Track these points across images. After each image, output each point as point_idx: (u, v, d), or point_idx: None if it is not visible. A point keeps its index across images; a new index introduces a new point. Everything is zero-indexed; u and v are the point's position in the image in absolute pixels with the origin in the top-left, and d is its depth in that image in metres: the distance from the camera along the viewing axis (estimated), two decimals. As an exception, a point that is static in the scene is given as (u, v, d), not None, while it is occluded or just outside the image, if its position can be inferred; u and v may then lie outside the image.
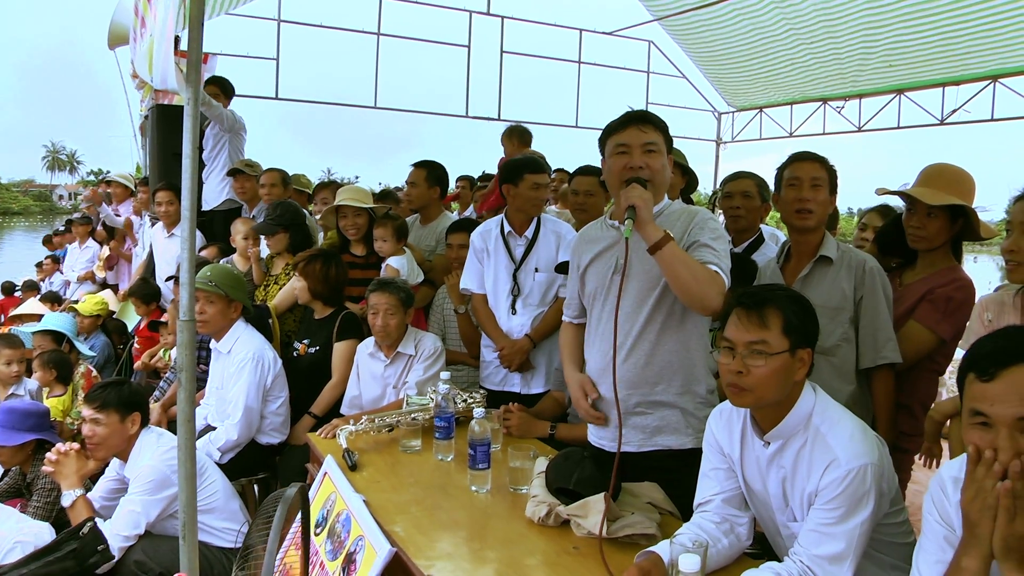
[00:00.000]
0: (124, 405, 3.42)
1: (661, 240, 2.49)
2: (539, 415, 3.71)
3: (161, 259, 6.51)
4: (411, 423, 3.42)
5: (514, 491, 2.91)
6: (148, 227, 7.54)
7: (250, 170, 6.20)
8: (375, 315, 3.90)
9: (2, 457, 4.02)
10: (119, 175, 9.94)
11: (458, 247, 4.46)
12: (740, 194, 4.11)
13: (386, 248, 4.64)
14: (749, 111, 11.80)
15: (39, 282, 11.95)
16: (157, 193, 6.48)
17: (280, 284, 4.97)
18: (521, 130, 6.68)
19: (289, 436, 4.34)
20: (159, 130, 7.07)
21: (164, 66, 2.51)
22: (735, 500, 2.40)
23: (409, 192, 5.16)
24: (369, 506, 2.68)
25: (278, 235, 5.03)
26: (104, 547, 3.15)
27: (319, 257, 4.46)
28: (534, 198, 4.07)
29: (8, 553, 3.16)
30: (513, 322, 4.09)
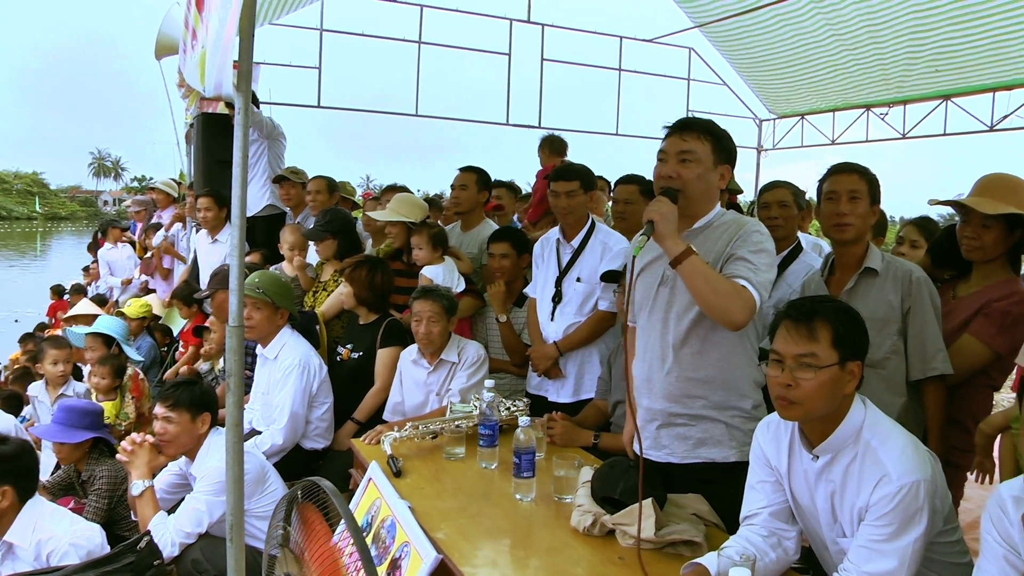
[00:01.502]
0: (195, 405, 3.52)
1: (681, 254, 2.49)
2: (582, 423, 3.71)
3: (205, 264, 6.60)
4: (455, 430, 3.42)
5: (559, 500, 2.91)
6: (192, 233, 7.66)
7: (295, 177, 6.28)
8: (418, 322, 3.93)
9: (61, 454, 4.14)
10: (162, 182, 10.11)
11: (500, 256, 4.47)
12: (777, 204, 4.07)
13: (422, 256, 4.66)
14: (790, 118, 11.66)
15: (86, 285, 12.22)
16: (198, 199, 6.58)
17: (329, 291, 5.02)
18: (552, 139, 6.68)
19: (332, 442, 4.38)
20: (204, 138, 7.19)
21: (218, 75, 2.54)
22: (782, 514, 2.37)
23: (458, 196, 5.16)
24: (414, 512, 2.68)
25: (327, 241, 5.07)
26: (160, 562, 3.21)
27: (365, 264, 4.49)
28: (555, 205, 4.14)
29: (63, 555, 3.21)
30: (550, 328, 4.16)
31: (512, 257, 4.46)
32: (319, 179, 6.01)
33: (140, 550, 3.15)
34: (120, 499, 4.04)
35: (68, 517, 3.42)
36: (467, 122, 10.12)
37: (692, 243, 2.60)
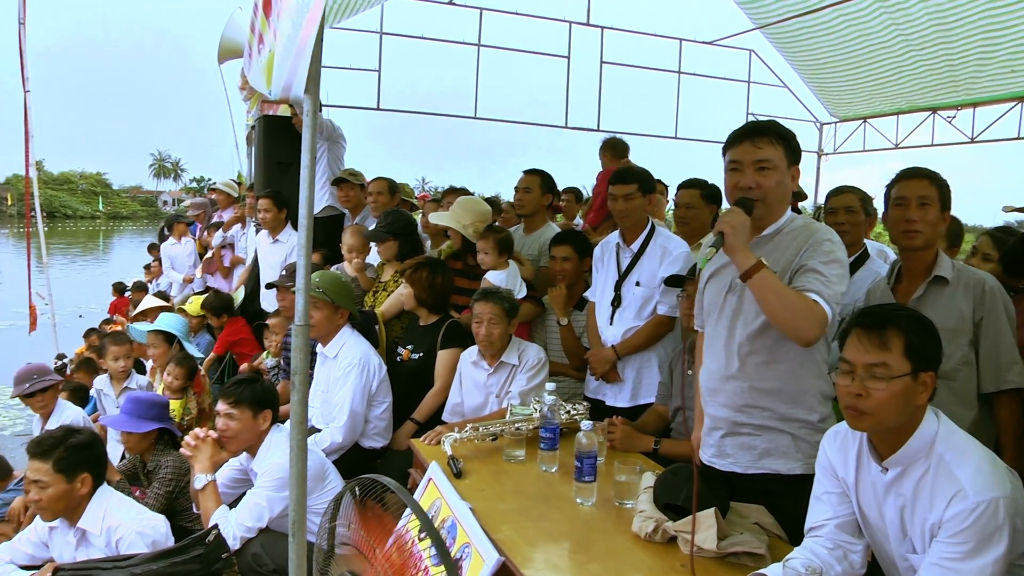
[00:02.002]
0: (257, 402, 3.59)
1: (751, 268, 2.44)
2: (641, 428, 3.69)
3: (265, 264, 6.69)
4: (515, 433, 3.42)
5: (619, 505, 2.89)
6: (252, 233, 7.78)
7: (354, 179, 6.34)
8: (479, 324, 3.94)
9: (128, 443, 4.27)
10: (222, 183, 10.29)
11: (561, 259, 4.47)
12: (844, 209, 4.00)
13: (488, 260, 4.66)
14: (852, 121, 11.42)
15: (147, 283, 12.51)
16: (259, 200, 6.69)
17: (389, 291, 5.06)
18: (614, 143, 6.65)
19: (391, 441, 4.41)
20: (265, 139, 7.29)
21: (289, 77, 2.57)
22: (849, 526, 2.31)
23: (522, 198, 5.18)
24: (475, 514, 2.69)
25: (388, 243, 5.11)
26: (228, 555, 3.28)
27: (426, 265, 4.52)
28: (614, 208, 4.12)
29: (131, 544, 3.30)
30: (608, 332, 4.15)
31: (574, 260, 4.46)
32: (380, 180, 6.07)
33: (208, 543, 3.22)
34: (183, 491, 4.13)
35: (135, 507, 3.52)
36: (525, 125, 10.11)
37: (760, 251, 2.56)
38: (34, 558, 3.49)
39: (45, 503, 3.26)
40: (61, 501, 3.28)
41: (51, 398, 5.07)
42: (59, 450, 3.27)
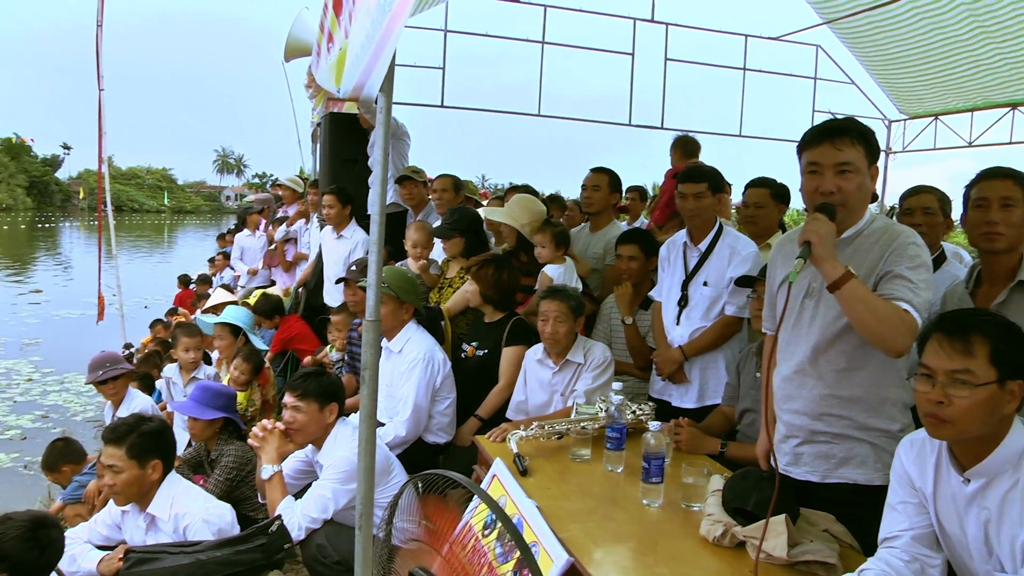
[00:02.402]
0: (323, 395, 3.63)
1: (840, 279, 2.33)
2: (707, 430, 3.64)
3: (329, 259, 6.78)
4: (581, 432, 3.40)
5: (686, 508, 2.86)
6: (316, 229, 7.88)
7: (417, 176, 6.38)
8: (544, 322, 3.93)
9: (194, 430, 4.37)
10: (288, 179, 10.45)
11: (627, 258, 4.44)
12: (921, 210, 3.85)
13: (544, 254, 4.66)
14: (923, 119, 11.09)
15: (211, 276, 12.78)
16: (323, 196, 6.77)
17: (454, 287, 5.08)
18: (685, 140, 6.57)
19: (454, 437, 4.43)
20: (330, 137, 7.39)
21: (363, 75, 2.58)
22: (926, 539, 2.20)
23: (590, 196, 5.15)
24: (541, 512, 2.67)
25: (454, 239, 5.13)
26: (290, 545, 3.33)
27: (492, 262, 4.53)
28: (682, 207, 4.07)
29: (197, 530, 3.38)
30: (675, 333, 4.12)
31: (640, 259, 4.43)
32: (445, 177, 6.10)
33: (271, 533, 3.27)
34: (244, 480, 4.22)
35: (202, 494, 3.60)
36: (589, 122, 10.06)
37: (840, 255, 2.46)
38: (108, 539, 3.60)
39: (119, 488, 3.35)
40: (133, 486, 3.37)
41: (122, 386, 5.23)
42: (132, 436, 3.37)
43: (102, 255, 11.77)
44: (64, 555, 3.39)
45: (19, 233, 49.50)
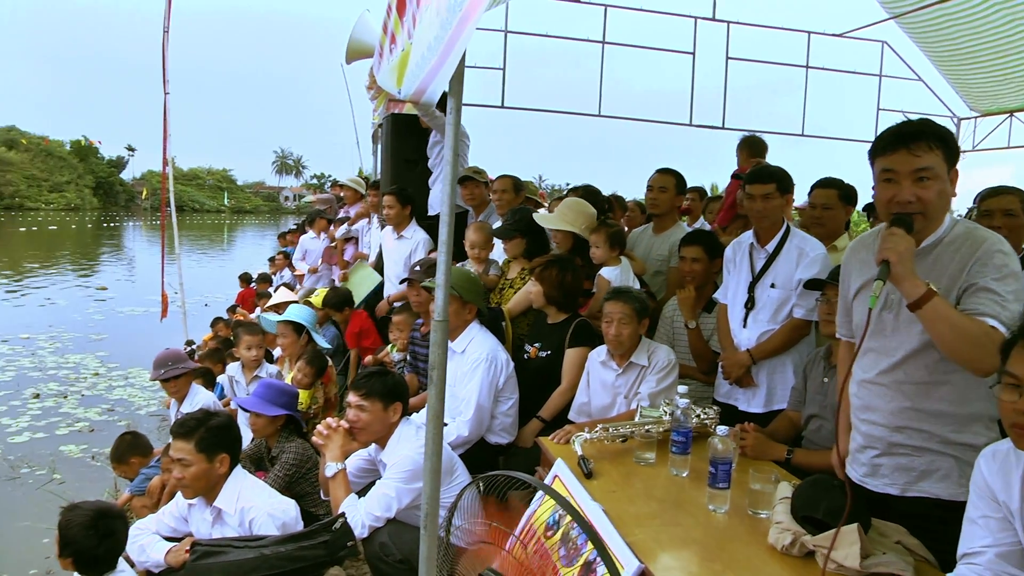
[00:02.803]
0: (387, 395, 3.64)
1: (921, 299, 2.21)
2: (772, 436, 3.56)
3: (389, 259, 6.83)
4: (645, 435, 3.36)
5: (753, 514, 2.80)
6: (377, 229, 7.94)
7: (479, 177, 6.38)
8: (609, 323, 3.90)
9: (256, 426, 4.44)
10: (350, 179, 10.55)
11: (691, 260, 4.39)
12: (1001, 212, 3.71)
13: (599, 255, 4.63)
14: (995, 116, 10.75)
15: (271, 275, 12.98)
16: (384, 197, 6.82)
17: (515, 288, 5.07)
18: (752, 140, 6.47)
19: (516, 438, 4.42)
20: (392, 138, 7.45)
21: (428, 77, 2.58)
22: (1013, 556, 2.05)
23: (656, 197, 5.11)
24: (607, 516, 2.64)
25: (515, 240, 5.12)
26: (353, 543, 3.36)
27: (555, 263, 4.51)
28: (750, 208, 4.00)
29: (262, 525, 3.43)
30: (742, 336, 4.05)
31: (704, 262, 4.38)
32: (505, 178, 6.09)
33: (335, 530, 3.30)
34: (303, 477, 4.27)
35: (267, 489, 3.66)
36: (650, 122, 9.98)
37: (919, 266, 2.34)
38: (175, 531, 3.69)
39: (187, 481, 3.43)
40: (201, 480, 3.44)
41: (185, 384, 5.34)
42: (201, 430, 3.44)
43: (165, 254, 12.05)
44: (133, 545, 3.51)
45: (86, 232, 50.99)
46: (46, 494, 6.26)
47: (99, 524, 3.09)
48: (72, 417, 8.55)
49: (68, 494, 6.08)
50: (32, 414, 8.59)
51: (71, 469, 6.91)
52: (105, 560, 3.13)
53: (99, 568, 3.14)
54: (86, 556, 3.09)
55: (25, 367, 10.85)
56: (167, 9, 10.33)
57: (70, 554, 3.07)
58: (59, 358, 11.53)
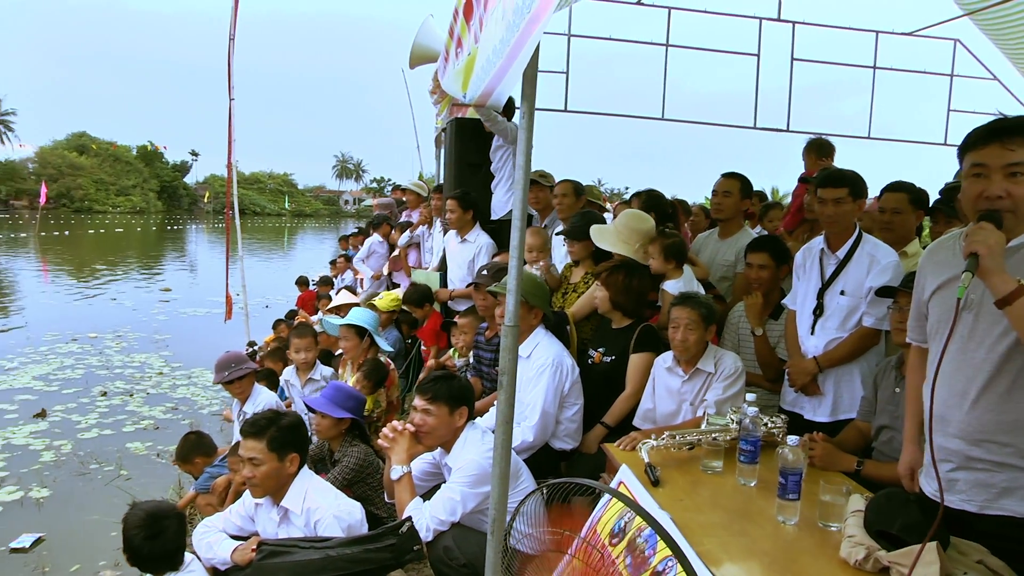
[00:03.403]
0: (453, 399, 3.65)
1: (1011, 294, 2.13)
2: (840, 446, 3.48)
3: (453, 263, 6.87)
4: (712, 443, 3.32)
5: (823, 527, 2.74)
6: (439, 233, 7.99)
7: (544, 180, 6.38)
8: (675, 329, 3.86)
9: (321, 427, 4.49)
10: (412, 183, 10.63)
11: (758, 267, 4.32)
12: None
13: (655, 266, 4.59)
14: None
15: (332, 278, 13.14)
16: (447, 201, 6.85)
17: (578, 292, 5.05)
18: (819, 143, 6.35)
19: (580, 444, 4.39)
20: (456, 142, 7.49)
21: (494, 81, 2.57)
22: None
23: (721, 202, 5.06)
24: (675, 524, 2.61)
25: (583, 243, 5.07)
26: (419, 547, 3.36)
27: (622, 268, 4.47)
28: (821, 213, 3.92)
29: (328, 526, 3.47)
30: (809, 343, 3.98)
31: (771, 268, 4.31)
32: (566, 183, 6.08)
33: (402, 534, 3.31)
34: (363, 481, 4.32)
35: (333, 491, 3.70)
36: (712, 126, 9.84)
37: (1008, 265, 2.24)
38: (241, 529, 3.76)
39: (258, 480, 3.48)
40: (271, 479, 3.50)
41: (248, 384, 5.44)
42: (272, 430, 3.49)
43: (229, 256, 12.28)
44: (200, 543, 3.58)
45: (150, 235, 52.35)
46: (114, 489, 6.44)
47: (149, 525, 3.17)
48: (138, 415, 8.79)
49: (135, 490, 6.27)
50: (100, 411, 8.86)
51: (137, 466, 7.10)
52: (157, 559, 3.21)
53: (155, 567, 3.22)
54: (137, 555, 3.19)
55: (93, 366, 11.19)
56: (233, 17, 10.53)
57: (126, 551, 3.16)
58: (125, 357, 11.87)
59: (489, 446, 3.49)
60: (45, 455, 7.31)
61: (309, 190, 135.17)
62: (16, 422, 8.33)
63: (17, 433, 7.92)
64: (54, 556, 5.28)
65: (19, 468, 6.92)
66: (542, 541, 2.58)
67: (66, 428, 8.20)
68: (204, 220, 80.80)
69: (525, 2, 2.12)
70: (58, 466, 7.03)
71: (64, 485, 6.60)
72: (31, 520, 5.87)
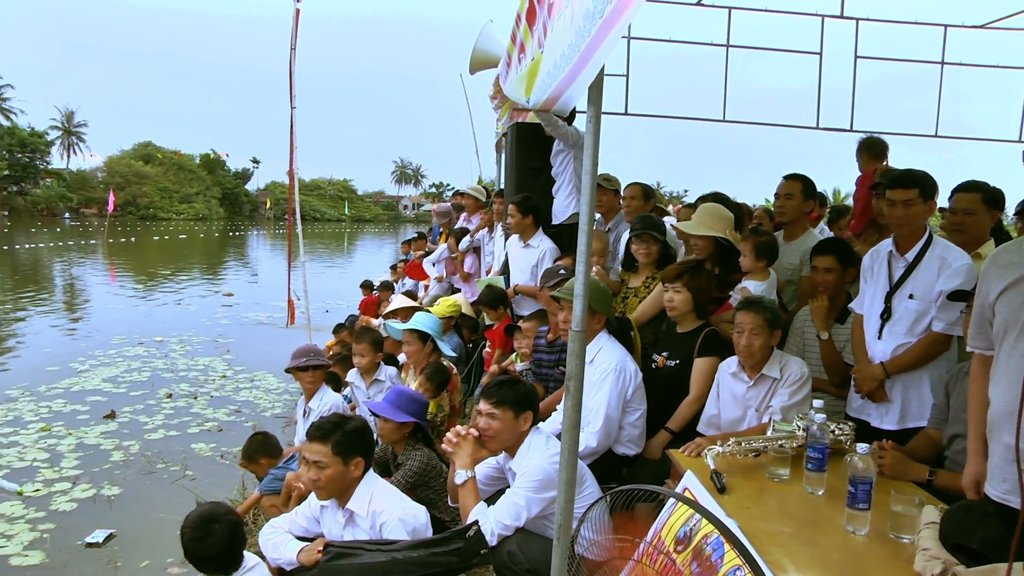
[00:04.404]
0: (519, 403, 3.66)
1: None
2: (911, 455, 3.40)
3: (515, 268, 6.88)
4: (778, 450, 3.28)
5: (895, 538, 2.68)
6: (500, 238, 8.01)
7: (607, 184, 6.36)
8: (740, 334, 3.82)
9: (384, 431, 4.53)
10: (471, 188, 10.66)
11: (824, 270, 4.25)
12: None
13: (745, 263, 4.55)
14: None
15: (393, 283, 13.26)
16: (509, 205, 6.87)
17: (640, 297, 5.03)
18: (871, 142, 6.22)
19: (643, 449, 4.36)
20: (517, 147, 7.50)
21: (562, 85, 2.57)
22: None
23: (783, 205, 5.00)
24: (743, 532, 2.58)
25: (652, 247, 5.07)
26: (486, 551, 3.37)
27: (703, 271, 4.47)
28: (890, 215, 3.83)
29: (393, 529, 3.50)
30: (877, 348, 3.89)
31: (837, 271, 4.23)
32: (635, 186, 6.05)
33: (468, 538, 3.32)
34: (426, 484, 4.35)
35: (398, 494, 3.73)
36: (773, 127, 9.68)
37: None
38: (307, 531, 3.80)
39: (323, 483, 3.52)
40: (336, 482, 3.54)
41: (320, 377, 5.56)
42: (337, 434, 3.53)
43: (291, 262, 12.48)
44: (267, 543, 3.64)
45: (213, 241, 53.52)
46: (180, 489, 6.60)
47: (197, 527, 3.24)
48: (202, 417, 8.98)
49: (199, 490, 6.41)
50: (166, 413, 9.07)
51: (202, 466, 7.26)
52: (206, 560, 3.26)
53: (205, 567, 3.28)
54: (190, 556, 3.26)
55: (159, 368, 11.46)
56: (293, 27, 10.75)
57: (190, 559, 3.25)
58: (189, 360, 12.13)
59: (553, 451, 3.49)
60: (115, 454, 7.52)
61: (368, 195, 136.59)
62: (88, 422, 8.60)
63: (89, 433, 8.17)
64: (125, 552, 5.43)
65: (91, 467, 7.14)
66: (609, 547, 2.58)
67: (134, 429, 8.43)
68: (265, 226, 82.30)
69: (597, 7, 2.11)
70: (127, 465, 7.22)
71: (133, 484, 6.78)
72: (103, 516, 6.05)
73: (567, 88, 2.52)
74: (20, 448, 7.63)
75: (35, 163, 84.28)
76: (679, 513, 2.91)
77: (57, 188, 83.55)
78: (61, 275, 26.91)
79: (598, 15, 2.12)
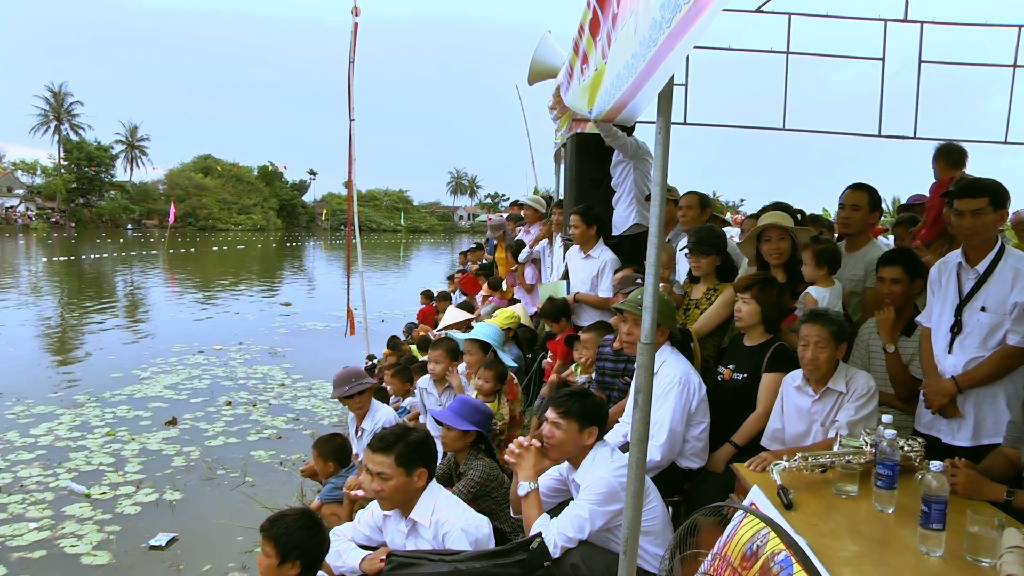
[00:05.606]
0: (585, 417, 3.65)
1: None
2: (985, 473, 3.28)
3: (576, 279, 6.87)
4: (846, 466, 3.22)
5: (973, 561, 2.59)
6: (560, 249, 8.01)
7: (667, 194, 6.32)
8: (805, 347, 3.76)
9: (447, 440, 4.55)
10: (530, 198, 10.70)
11: (890, 281, 4.16)
12: None
13: (807, 272, 4.48)
14: None
15: (451, 293, 13.36)
16: (570, 216, 6.87)
17: (701, 308, 4.99)
18: (950, 149, 6.07)
19: (707, 463, 4.32)
20: (576, 157, 7.52)
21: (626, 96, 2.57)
22: None
23: (849, 216, 4.89)
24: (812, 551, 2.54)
25: (710, 258, 5.04)
26: (549, 563, 3.37)
27: (773, 282, 4.44)
28: (959, 225, 3.72)
29: (455, 539, 3.51)
30: (947, 362, 3.80)
31: (904, 283, 4.14)
32: (691, 195, 6.00)
33: (532, 549, 3.32)
34: (487, 495, 4.36)
35: (461, 504, 3.75)
36: (834, 134, 9.49)
37: None
38: (370, 539, 3.83)
39: (386, 493, 3.55)
40: (400, 493, 3.56)
41: (366, 400, 5.56)
42: (400, 445, 3.56)
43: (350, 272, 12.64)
44: (330, 551, 3.67)
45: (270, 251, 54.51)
46: (239, 495, 6.75)
47: (314, 524, 3.29)
48: (261, 424, 9.18)
49: (259, 496, 6.52)
50: (226, 420, 9.31)
51: (261, 473, 7.42)
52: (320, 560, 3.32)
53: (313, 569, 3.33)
54: (310, 556, 3.28)
55: (219, 376, 11.75)
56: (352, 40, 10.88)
57: (299, 556, 3.23)
58: (248, 369, 12.40)
59: (618, 464, 3.48)
60: (176, 460, 7.74)
61: (424, 206, 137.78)
62: (150, 428, 8.87)
63: (151, 439, 8.41)
64: (187, 555, 5.59)
65: (154, 471, 7.37)
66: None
67: (195, 435, 8.66)
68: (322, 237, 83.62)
69: (665, 17, 2.10)
70: (188, 471, 7.42)
71: (194, 489, 6.97)
72: (165, 520, 6.24)
73: (631, 99, 2.52)
74: (87, 452, 7.92)
75: (100, 176, 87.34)
76: (746, 528, 2.88)
77: (120, 200, 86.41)
78: (124, 285, 27.69)
79: (665, 24, 2.11)
